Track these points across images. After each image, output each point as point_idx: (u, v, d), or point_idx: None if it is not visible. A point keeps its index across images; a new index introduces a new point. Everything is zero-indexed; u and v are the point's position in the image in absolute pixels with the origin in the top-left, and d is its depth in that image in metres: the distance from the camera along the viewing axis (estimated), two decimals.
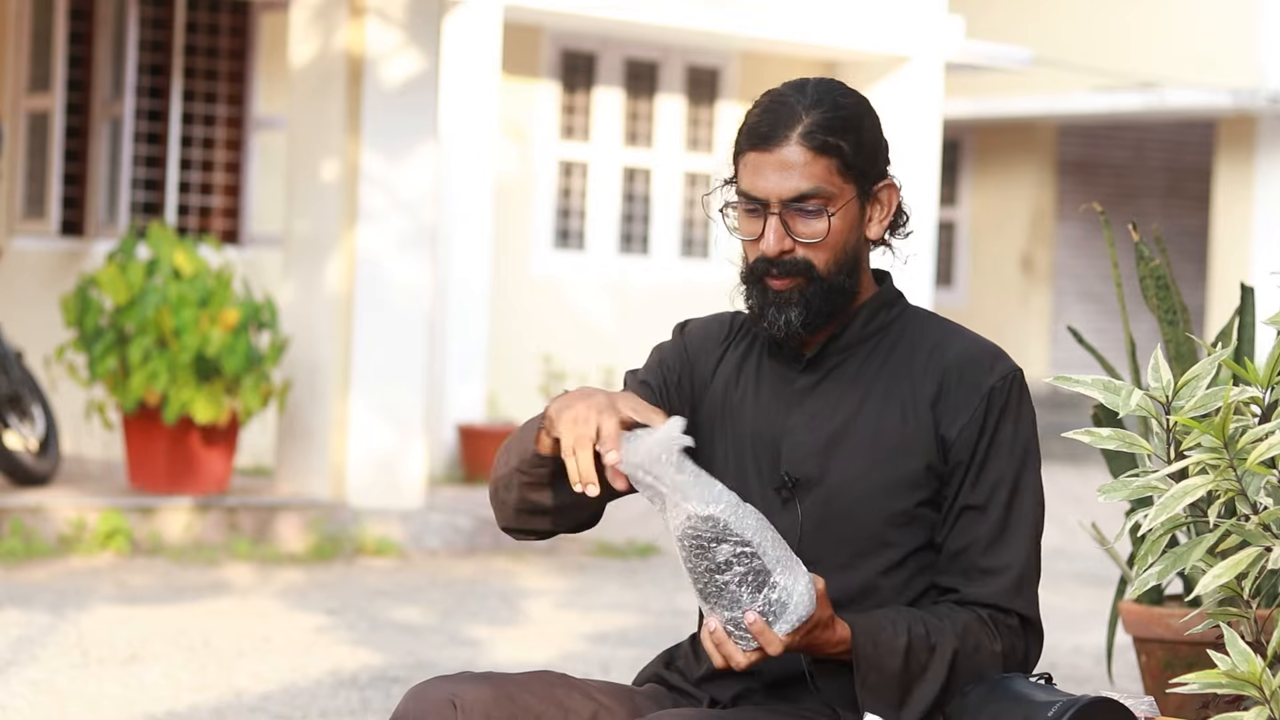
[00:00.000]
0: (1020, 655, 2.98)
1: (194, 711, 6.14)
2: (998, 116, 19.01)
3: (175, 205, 12.71)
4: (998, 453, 2.97)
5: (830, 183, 2.94)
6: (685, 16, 13.61)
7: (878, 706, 2.88)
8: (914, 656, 2.89)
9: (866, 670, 2.87)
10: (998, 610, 2.96)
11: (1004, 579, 2.96)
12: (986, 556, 2.96)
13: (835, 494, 2.97)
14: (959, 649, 2.92)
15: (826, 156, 2.93)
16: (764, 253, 2.96)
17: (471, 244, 13.27)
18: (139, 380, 9.76)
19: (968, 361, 2.99)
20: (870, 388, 3.00)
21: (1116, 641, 5.58)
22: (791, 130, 2.93)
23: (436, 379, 12.98)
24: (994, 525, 2.96)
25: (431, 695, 2.92)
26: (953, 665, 2.91)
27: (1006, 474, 2.97)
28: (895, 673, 2.88)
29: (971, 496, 2.96)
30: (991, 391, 2.97)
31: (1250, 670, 2.79)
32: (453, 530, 10.45)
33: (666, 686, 3.10)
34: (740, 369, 3.09)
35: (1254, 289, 4.61)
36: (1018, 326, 19.67)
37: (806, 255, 2.96)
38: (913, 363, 3.01)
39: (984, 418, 2.96)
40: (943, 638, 2.91)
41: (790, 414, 3.02)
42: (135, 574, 8.99)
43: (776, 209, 2.95)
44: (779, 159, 2.93)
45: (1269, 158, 18.29)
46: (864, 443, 2.98)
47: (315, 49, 10.49)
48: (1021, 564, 2.97)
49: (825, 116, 2.94)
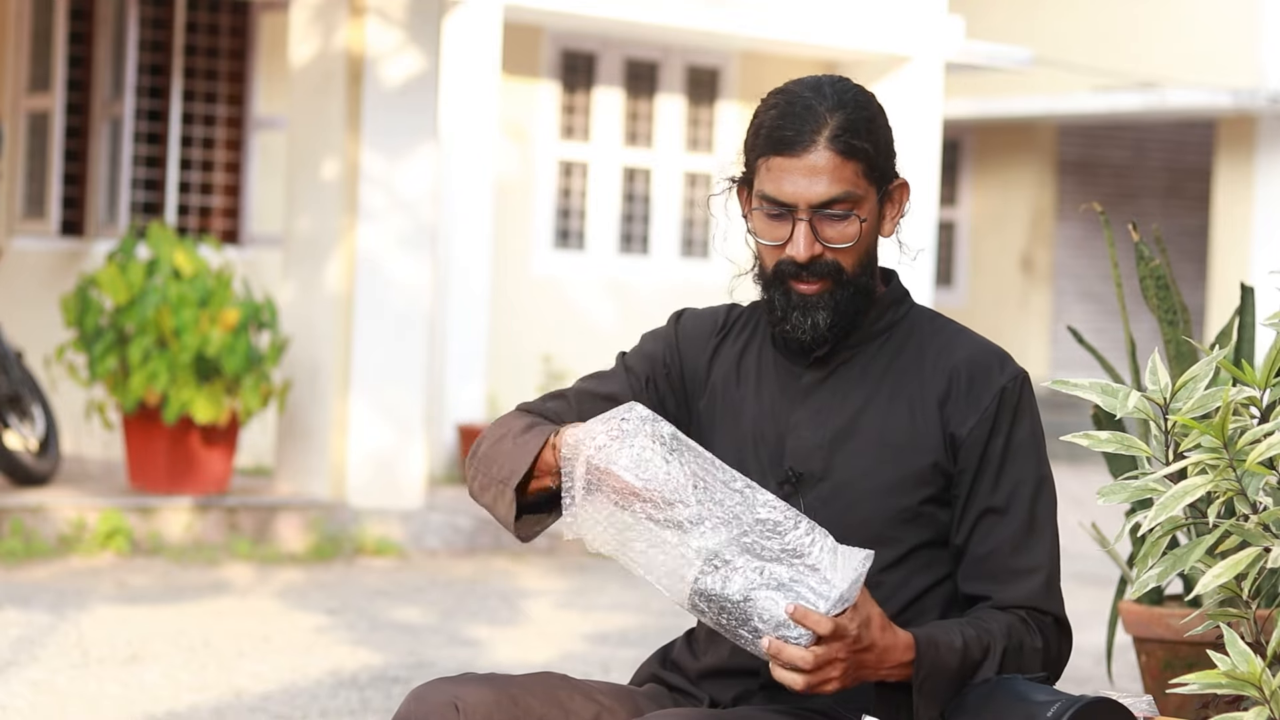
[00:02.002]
0: (1055, 652, 2.98)
1: (194, 711, 6.14)
2: (998, 116, 19.01)
3: (175, 205, 12.71)
4: (1015, 454, 2.97)
5: (858, 186, 2.93)
6: (685, 16, 13.61)
7: (930, 710, 2.86)
8: (969, 657, 2.88)
9: (927, 673, 2.84)
10: (1034, 611, 2.97)
11: (1035, 580, 2.96)
12: (1015, 559, 2.96)
13: (839, 490, 2.97)
14: (1007, 647, 2.91)
15: (854, 160, 2.91)
16: (793, 258, 2.93)
17: (471, 244, 13.27)
18: (139, 380, 9.76)
19: (976, 363, 2.99)
20: (877, 385, 3.00)
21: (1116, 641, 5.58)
22: (819, 135, 2.90)
23: (436, 379, 12.98)
24: (1020, 527, 2.96)
25: (433, 697, 2.92)
26: (1002, 665, 2.91)
27: (1026, 475, 2.97)
28: (953, 671, 2.86)
29: (992, 499, 2.96)
30: (1003, 392, 2.97)
31: (1250, 670, 2.79)
32: (453, 530, 10.45)
33: (667, 686, 3.10)
34: (740, 363, 3.08)
35: (1254, 289, 4.61)
36: (1018, 326, 19.67)
37: (835, 259, 2.94)
38: (920, 362, 3.01)
39: (995, 418, 2.96)
40: (994, 639, 2.91)
41: (795, 409, 3.02)
42: (135, 574, 8.99)
43: (805, 214, 2.92)
44: (807, 164, 2.90)
45: (1269, 158, 18.29)
46: (870, 439, 2.98)
47: (315, 49, 10.49)
48: (1049, 564, 2.98)
49: (850, 119, 2.92)
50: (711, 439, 3.06)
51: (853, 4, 14.40)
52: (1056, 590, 2.99)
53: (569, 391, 3.09)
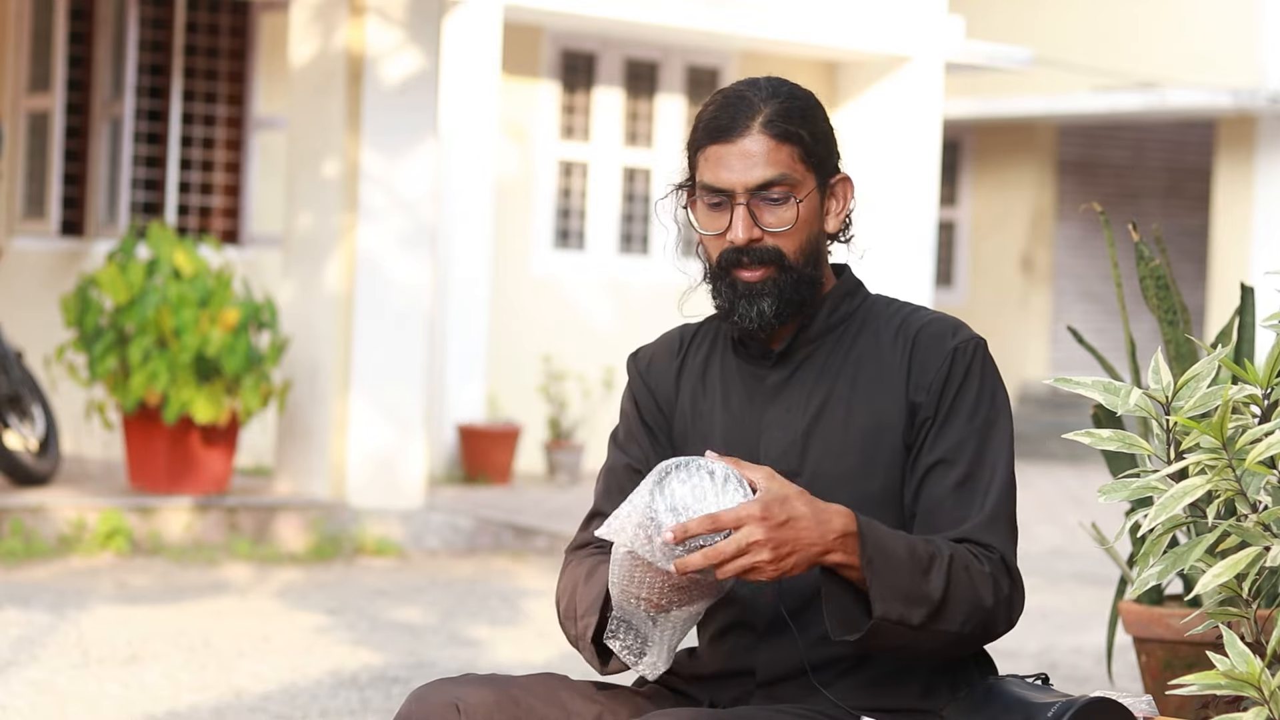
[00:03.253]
0: (1006, 592, 2.92)
1: (194, 711, 6.14)
2: (998, 116, 19.01)
3: (175, 205, 12.71)
4: (962, 409, 2.97)
5: (794, 170, 2.97)
6: (685, 16, 13.61)
7: (887, 602, 2.80)
8: (915, 551, 2.84)
9: (874, 549, 2.81)
10: (975, 544, 2.93)
11: (976, 519, 2.93)
12: (957, 504, 2.94)
13: (815, 483, 2.97)
14: (954, 557, 2.87)
15: (789, 144, 2.97)
16: (732, 242, 2.98)
17: (471, 244, 13.27)
18: (139, 380, 9.76)
19: (930, 332, 3.01)
20: (840, 374, 3.03)
21: (1116, 641, 5.58)
22: (752, 120, 2.97)
23: (436, 379, 12.98)
24: (961, 475, 2.95)
25: (434, 698, 2.92)
26: (950, 573, 2.85)
27: (973, 430, 2.96)
28: (902, 561, 2.83)
29: (937, 452, 2.96)
30: (955, 351, 2.99)
31: (1248, 671, 2.79)
32: (453, 530, 10.45)
33: (667, 687, 3.10)
34: (704, 376, 3.12)
35: (1254, 289, 4.61)
36: (1018, 326, 19.66)
37: (776, 244, 2.98)
38: (878, 344, 3.03)
39: (947, 376, 2.97)
40: (938, 547, 2.88)
41: (765, 411, 3.04)
42: (135, 574, 8.99)
43: (743, 199, 2.97)
44: (741, 149, 2.97)
45: (1269, 158, 18.29)
46: (839, 428, 3.00)
47: (315, 48, 10.49)
48: (993, 506, 2.94)
49: (783, 106, 2.98)
50: (686, 452, 3.07)
51: (853, 4, 14.40)
52: (1002, 530, 2.94)
53: (596, 509, 3.12)
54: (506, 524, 10.58)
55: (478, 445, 12.90)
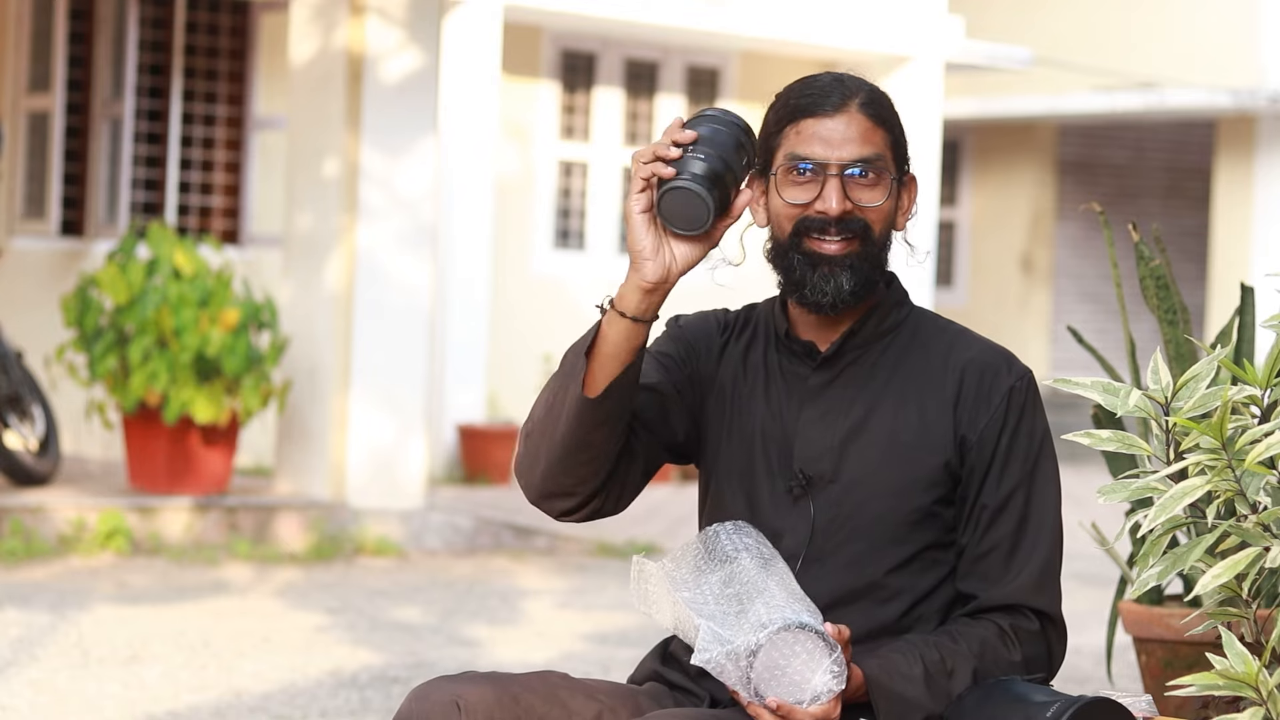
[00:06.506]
0: (1044, 659, 2.98)
1: (194, 711, 6.14)
2: (998, 116, 19.01)
3: (175, 205, 12.71)
4: (1018, 454, 2.98)
5: (885, 155, 2.97)
6: (685, 16, 13.61)
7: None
8: (933, 682, 2.89)
9: (886, 703, 2.86)
10: (1017, 612, 2.97)
11: (1024, 578, 2.97)
12: (1009, 557, 2.97)
13: (849, 491, 2.97)
14: (978, 668, 2.92)
15: (882, 129, 2.97)
16: (824, 212, 2.93)
17: (471, 243, 13.27)
18: (139, 380, 9.77)
19: (984, 364, 3.01)
20: (885, 386, 3.01)
21: (1116, 641, 5.58)
22: (851, 100, 2.96)
23: (436, 379, 12.98)
24: (1016, 526, 2.97)
25: (435, 696, 2.92)
26: (974, 675, 2.92)
27: (1025, 473, 2.98)
28: (916, 700, 2.87)
29: (993, 497, 2.97)
30: (1011, 392, 2.99)
31: (1246, 671, 2.79)
32: (453, 530, 10.45)
33: (667, 685, 3.10)
34: (745, 363, 3.09)
35: (1254, 289, 4.61)
36: (1018, 326, 19.66)
37: (865, 218, 2.96)
38: (926, 362, 3.02)
39: (1004, 418, 2.98)
40: (959, 659, 2.91)
41: (803, 411, 3.02)
42: (135, 574, 8.99)
43: (836, 171, 2.94)
44: (839, 124, 2.95)
45: (1269, 158, 18.29)
46: (879, 441, 2.99)
47: (315, 47, 10.49)
48: (1043, 561, 2.99)
49: (876, 94, 2.99)
50: (720, 437, 3.07)
51: (853, 4, 14.40)
52: (1050, 588, 2.99)
53: None
54: (506, 524, 10.58)
55: (478, 445, 12.91)
